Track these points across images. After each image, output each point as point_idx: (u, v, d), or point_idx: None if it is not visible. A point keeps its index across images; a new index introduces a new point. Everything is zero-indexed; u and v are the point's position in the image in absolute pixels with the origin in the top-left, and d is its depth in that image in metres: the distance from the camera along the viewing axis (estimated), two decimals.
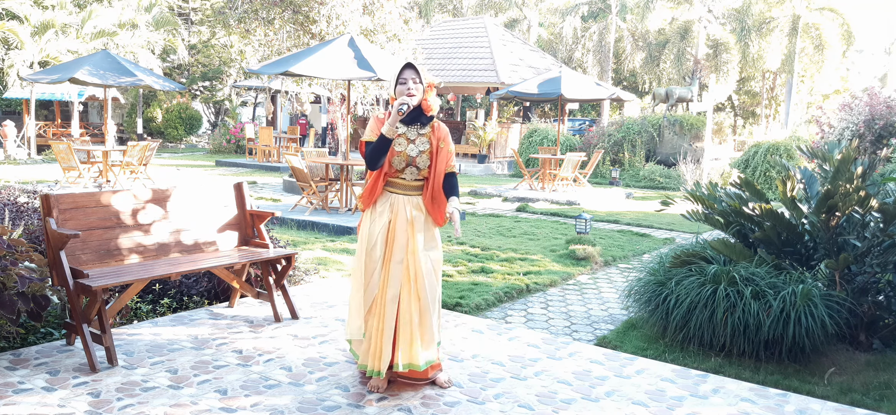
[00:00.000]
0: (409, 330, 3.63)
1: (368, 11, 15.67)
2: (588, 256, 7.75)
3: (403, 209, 3.66)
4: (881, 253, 4.72)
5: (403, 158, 3.64)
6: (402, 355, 3.65)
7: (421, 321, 3.63)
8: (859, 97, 13.19)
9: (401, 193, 3.69)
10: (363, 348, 3.72)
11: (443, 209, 3.73)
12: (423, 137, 3.68)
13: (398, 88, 3.63)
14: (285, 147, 20.90)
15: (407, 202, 3.68)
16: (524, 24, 35.00)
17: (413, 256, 3.62)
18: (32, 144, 20.63)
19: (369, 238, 3.65)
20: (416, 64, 3.68)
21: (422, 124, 3.69)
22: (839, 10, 27.63)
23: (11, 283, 3.79)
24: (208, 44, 29.55)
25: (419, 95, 3.63)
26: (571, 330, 5.35)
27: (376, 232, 3.64)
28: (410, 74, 3.64)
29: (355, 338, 3.68)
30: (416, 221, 3.66)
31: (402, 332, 3.65)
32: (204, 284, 5.36)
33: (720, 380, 4.13)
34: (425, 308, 3.63)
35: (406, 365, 3.66)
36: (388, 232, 3.65)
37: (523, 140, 21.12)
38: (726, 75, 27.78)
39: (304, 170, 10.24)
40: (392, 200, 3.69)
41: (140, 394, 3.57)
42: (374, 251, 3.63)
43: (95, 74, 12.88)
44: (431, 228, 3.74)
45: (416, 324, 3.62)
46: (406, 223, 3.65)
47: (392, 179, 3.69)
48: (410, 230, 3.64)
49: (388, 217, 3.66)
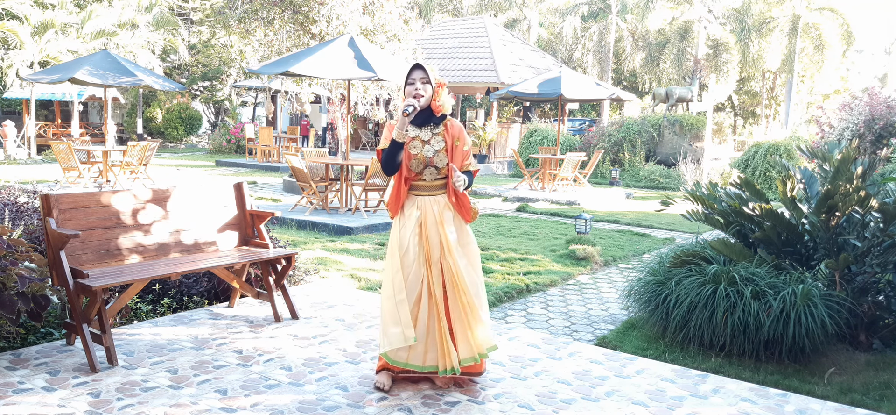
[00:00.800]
0: (463, 324, 3.65)
1: (368, 11, 15.66)
2: (588, 256, 7.75)
3: (431, 210, 3.67)
4: (881, 253, 4.72)
5: (420, 160, 3.64)
6: (463, 350, 3.67)
7: (471, 313, 3.64)
8: (859, 97, 13.19)
9: (425, 194, 3.70)
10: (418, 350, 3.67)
11: (467, 206, 3.74)
12: (437, 136, 3.68)
13: (407, 89, 3.63)
14: (285, 147, 20.90)
15: (433, 202, 3.69)
16: (524, 24, 35.00)
17: (449, 254, 3.63)
18: (32, 144, 20.63)
19: (401, 243, 3.65)
20: (425, 65, 3.67)
21: (434, 124, 3.69)
22: (839, 10, 27.63)
23: (11, 283, 3.79)
24: (208, 44, 29.56)
25: (427, 96, 3.63)
26: (571, 330, 5.35)
27: (408, 236, 3.64)
28: (418, 75, 3.64)
29: (397, 346, 3.58)
30: (446, 219, 3.67)
31: (458, 328, 3.66)
32: (204, 284, 5.36)
33: (720, 380, 4.13)
34: (470, 303, 3.63)
35: (469, 358, 3.66)
36: (421, 234, 3.66)
37: (523, 140, 21.12)
38: (726, 75, 27.79)
39: (304, 170, 10.24)
40: (418, 202, 3.69)
41: (140, 394, 3.57)
42: (408, 255, 3.63)
43: (95, 74, 12.89)
44: (462, 225, 3.75)
45: (469, 317, 3.63)
46: (436, 223, 3.65)
47: (414, 182, 3.70)
48: (441, 229, 3.65)
49: (417, 219, 3.66)
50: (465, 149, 3.72)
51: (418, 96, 3.59)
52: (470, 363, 3.71)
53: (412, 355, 3.68)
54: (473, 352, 3.68)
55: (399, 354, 3.68)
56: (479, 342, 3.67)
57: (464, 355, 3.68)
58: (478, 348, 3.67)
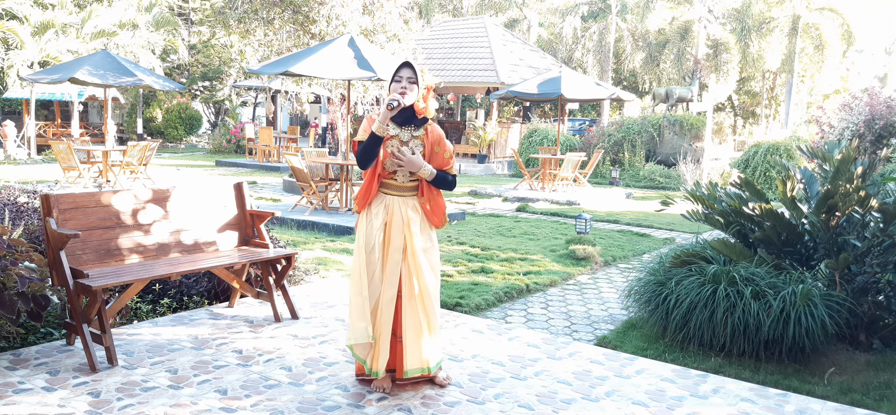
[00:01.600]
0: (415, 332, 3.60)
1: (368, 11, 15.66)
2: (588, 256, 7.75)
3: (398, 210, 3.63)
4: (881, 253, 4.72)
5: (395, 160, 3.61)
6: (411, 359, 3.61)
7: (428, 322, 3.61)
8: (859, 97, 13.19)
9: (395, 194, 3.65)
10: (366, 350, 3.68)
11: (439, 212, 3.70)
12: (416, 139, 3.64)
13: (393, 86, 3.59)
14: (285, 147, 20.90)
15: (402, 203, 3.64)
16: (524, 24, 35.00)
17: (412, 256, 3.59)
18: (32, 144, 20.63)
19: (367, 240, 3.62)
20: (415, 64, 3.63)
21: (415, 127, 3.65)
22: (839, 10, 27.63)
23: (11, 283, 3.79)
24: (208, 44, 29.55)
25: (414, 96, 3.57)
26: (571, 330, 5.35)
27: (373, 234, 3.62)
28: (407, 73, 3.59)
29: (360, 341, 3.58)
30: (412, 222, 3.63)
31: (408, 335, 3.61)
32: (204, 284, 5.36)
33: (720, 380, 4.13)
34: (429, 308, 3.61)
35: (416, 369, 3.62)
36: (385, 233, 3.63)
37: (523, 140, 21.12)
38: (726, 75, 27.79)
39: (304, 170, 10.24)
40: (387, 201, 3.65)
41: (140, 394, 3.57)
42: (373, 253, 3.61)
43: (95, 74, 12.89)
44: (428, 229, 3.71)
45: (423, 325, 3.60)
46: (402, 224, 3.62)
47: (385, 180, 3.66)
48: (407, 231, 3.61)
49: (383, 218, 3.63)
50: (446, 156, 3.67)
51: (404, 94, 3.54)
52: (416, 374, 3.66)
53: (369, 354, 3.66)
54: (421, 364, 3.63)
55: (359, 350, 3.66)
56: (429, 360, 3.63)
57: (411, 366, 3.62)
58: (426, 362, 3.63)
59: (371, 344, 3.64)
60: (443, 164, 3.67)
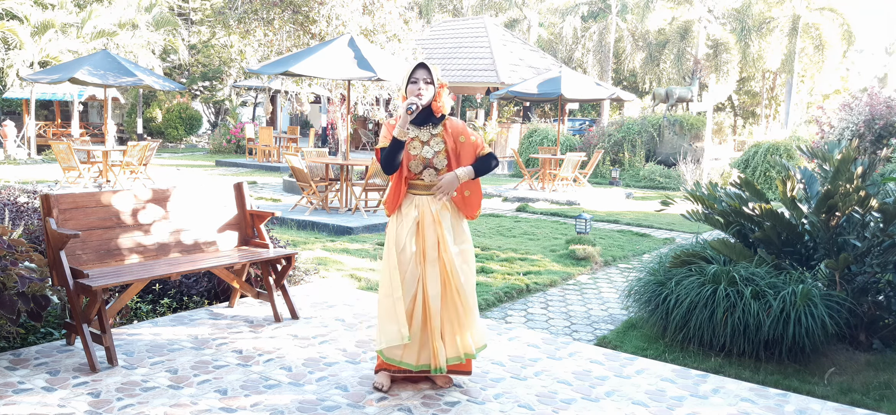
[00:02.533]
0: (457, 325, 3.65)
1: (368, 11, 15.66)
2: (588, 256, 7.75)
3: (429, 208, 3.66)
4: (881, 253, 4.72)
5: (419, 160, 3.64)
6: (450, 349, 3.67)
7: (466, 313, 3.64)
8: (859, 97, 13.19)
9: (423, 193, 3.69)
10: (412, 349, 3.67)
11: (475, 202, 3.74)
12: (436, 137, 3.67)
13: (409, 88, 3.62)
14: (285, 147, 20.90)
15: (431, 201, 3.67)
16: (524, 24, 34.99)
17: (446, 252, 3.62)
18: (32, 144, 20.63)
19: (398, 241, 3.64)
20: (429, 64, 3.66)
21: (434, 124, 3.69)
22: (839, 10, 27.62)
23: (11, 283, 3.79)
24: (208, 44, 29.54)
25: (429, 96, 3.62)
26: (571, 330, 5.35)
27: (405, 234, 3.64)
28: (422, 74, 3.63)
29: (393, 344, 3.59)
30: (443, 218, 3.66)
31: (447, 328, 3.66)
32: (204, 284, 5.36)
33: (720, 380, 4.13)
34: (466, 301, 3.64)
35: (455, 357, 3.67)
36: (418, 233, 3.65)
37: (523, 140, 21.12)
38: (726, 75, 27.79)
39: (304, 170, 10.24)
40: (416, 201, 3.68)
41: (140, 394, 3.57)
42: (405, 254, 3.62)
43: (95, 74, 12.89)
44: (460, 223, 3.75)
45: (462, 317, 3.64)
46: (433, 222, 3.64)
47: (412, 181, 3.70)
48: (439, 228, 3.64)
49: (414, 217, 3.66)
50: (473, 140, 3.71)
51: (421, 95, 3.58)
52: (455, 363, 3.71)
53: (406, 353, 3.68)
54: (459, 352, 3.68)
55: (394, 351, 3.68)
56: (468, 344, 3.68)
57: (450, 355, 3.68)
58: (465, 348, 3.68)
59: (408, 345, 3.65)
60: (474, 150, 3.71)
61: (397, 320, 3.56)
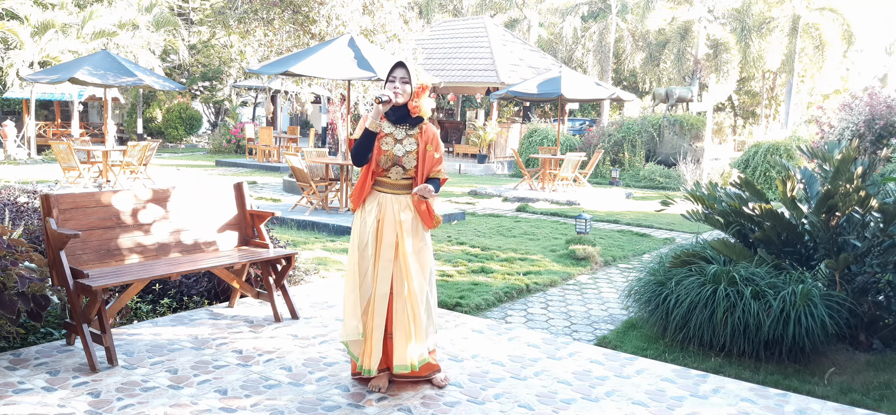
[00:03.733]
0: (404, 331, 3.63)
1: (368, 11, 15.65)
2: (588, 256, 7.75)
3: (391, 208, 3.68)
4: (881, 253, 4.72)
5: (389, 157, 3.66)
6: (398, 356, 3.64)
7: (414, 321, 3.63)
8: (859, 97, 13.18)
9: (388, 191, 3.71)
10: (360, 347, 3.72)
11: (432, 212, 3.74)
12: (410, 137, 3.69)
13: (387, 86, 3.67)
14: (285, 147, 20.90)
15: (394, 201, 3.69)
16: (524, 24, 34.98)
17: (403, 257, 3.63)
18: (32, 144, 20.63)
19: (360, 238, 3.68)
20: (408, 64, 3.67)
21: (410, 125, 3.70)
22: (839, 10, 27.63)
23: (11, 283, 3.79)
24: (208, 44, 29.54)
25: (405, 96, 3.64)
26: (571, 330, 5.35)
27: (367, 231, 3.67)
28: (400, 73, 3.66)
29: (352, 338, 3.65)
30: (405, 222, 3.67)
31: (396, 333, 3.64)
32: (204, 284, 5.36)
33: (720, 380, 4.13)
34: (414, 311, 3.62)
35: (401, 366, 3.64)
36: (377, 231, 3.67)
37: (523, 140, 21.12)
38: (726, 75, 27.79)
39: (304, 170, 10.24)
40: (380, 199, 3.71)
41: (140, 394, 3.57)
42: (366, 250, 3.66)
43: (95, 74, 12.89)
44: (420, 229, 3.74)
45: (409, 325, 3.62)
46: (394, 223, 3.66)
47: (379, 177, 3.72)
48: (399, 230, 3.65)
49: (376, 216, 3.68)
50: (437, 156, 3.72)
51: (396, 93, 3.62)
52: (402, 370, 3.67)
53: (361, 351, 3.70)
54: (406, 361, 3.63)
55: (353, 346, 3.71)
56: (411, 357, 3.63)
57: (399, 362, 3.64)
58: (411, 360, 3.64)
59: (364, 341, 3.67)
60: (433, 165, 3.71)
61: (357, 316, 3.61)
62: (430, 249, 3.78)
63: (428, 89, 3.73)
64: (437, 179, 3.74)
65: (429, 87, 3.74)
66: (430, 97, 3.74)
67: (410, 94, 3.66)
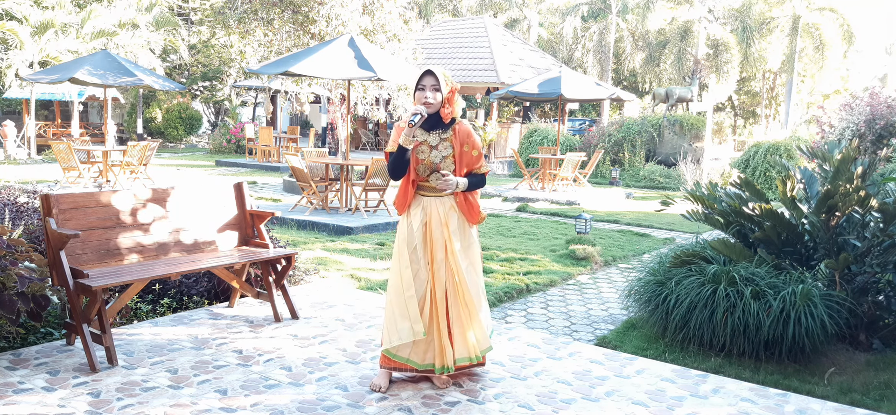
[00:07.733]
0: (461, 326, 3.72)
1: (368, 11, 15.65)
2: (588, 256, 7.75)
3: (436, 211, 3.72)
4: (881, 253, 4.72)
5: (427, 165, 3.70)
6: (459, 350, 3.74)
7: (470, 317, 3.72)
8: (860, 97, 13.17)
9: (431, 195, 3.75)
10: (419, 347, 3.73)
11: (474, 210, 3.80)
12: (445, 142, 3.72)
13: (416, 95, 3.66)
14: (285, 147, 20.90)
15: (438, 204, 3.74)
16: (524, 24, 34.99)
17: (452, 255, 3.69)
18: (32, 144, 20.62)
19: (409, 241, 3.71)
20: (436, 71, 3.67)
21: (443, 130, 3.72)
22: (839, 10, 27.65)
23: (11, 283, 3.79)
24: (208, 44, 29.54)
25: (437, 103, 3.64)
26: (571, 330, 5.35)
27: (415, 234, 3.71)
28: (429, 81, 3.65)
29: (405, 341, 3.64)
30: (451, 222, 3.72)
31: (457, 329, 3.73)
32: (204, 284, 5.36)
33: (720, 380, 4.13)
34: (470, 305, 3.71)
35: (465, 358, 3.74)
36: (426, 233, 3.71)
37: (523, 140, 21.11)
38: (726, 75, 27.79)
39: (304, 170, 10.24)
40: (424, 203, 3.75)
41: (140, 394, 3.57)
42: (415, 253, 3.70)
43: (95, 74, 12.88)
44: (466, 228, 3.81)
45: (466, 322, 3.71)
46: (440, 224, 3.71)
47: (421, 183, 3.76)
48: (446, 231, 3.70)
49: (422, 219, 3.72)
50: (475, 154, 3.77)
51: (427, 104, 3.62)
52: (465, 362, 3.78)
53: (413, 351, 3.73)
54: (469, 353, 3.76)
55: (401, 349, 3.73)
56: (475, 345, 3.76)
57: (459, 355, 3.74)
58: (473, 350, 3.76)
59: (415, 343, 3.70)
60: (472, 163, 3.77)
61: (410, 317, 3.63)
62: (477, 245, 3.86)
63: (457, 91, 3.75)
64: (481, 174, 3.79)
65: (458, 89, 3.76)
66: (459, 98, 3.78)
67: (442, 101, 3.66)
